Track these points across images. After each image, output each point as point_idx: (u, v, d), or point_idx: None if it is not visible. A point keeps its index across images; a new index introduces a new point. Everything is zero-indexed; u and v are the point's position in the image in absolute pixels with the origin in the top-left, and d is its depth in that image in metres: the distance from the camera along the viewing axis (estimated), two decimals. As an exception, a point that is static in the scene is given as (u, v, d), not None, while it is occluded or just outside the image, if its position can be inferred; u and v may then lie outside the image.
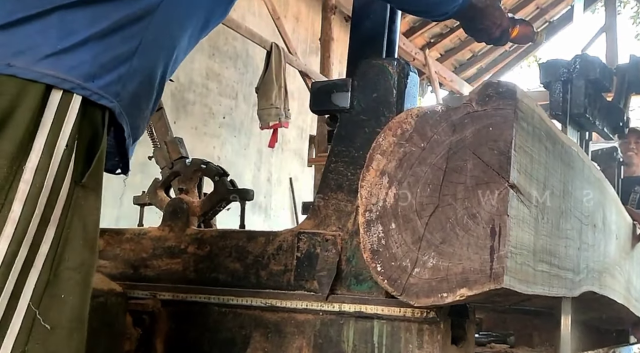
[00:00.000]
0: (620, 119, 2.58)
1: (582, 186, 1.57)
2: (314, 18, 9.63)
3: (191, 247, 1.61)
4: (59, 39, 1.07)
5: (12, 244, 1.00)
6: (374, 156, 1.33)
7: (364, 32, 1.68)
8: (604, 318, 2.04)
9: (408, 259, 1.25)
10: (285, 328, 1.47)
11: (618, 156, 3.61)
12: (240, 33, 7.15)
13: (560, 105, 2.08)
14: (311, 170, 8.82)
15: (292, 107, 7.84)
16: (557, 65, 2.11)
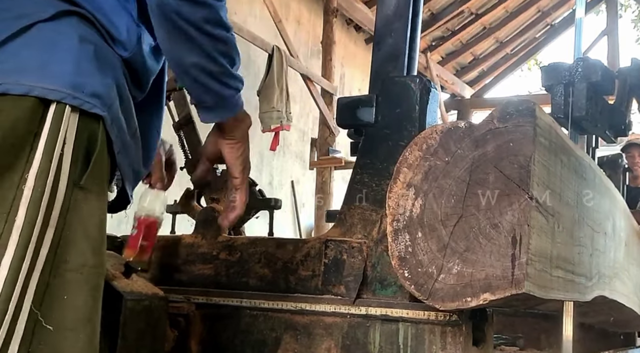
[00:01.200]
0: (622, 122, 2.62)
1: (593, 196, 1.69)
2: (315, 21, 9.76)
3: (223, 254, 1.73)
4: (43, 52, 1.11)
5: (17, 249, 1.04)
6: (401, 169, 1.44)
7: (386, 50, 1.80)
8: (612, 322, 2.15)
9: (434, 266, 1.36)
10: (314, 331, 1.58)
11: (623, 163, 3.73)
12: (242, 36, 7.24)
13: (562, 109, 2.11)
14: (313, 173, 8.95)
15: (293, 110, 7.96)
16: (559, 69, 2.13)
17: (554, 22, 12.67)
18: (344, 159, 8.66)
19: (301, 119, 9.31)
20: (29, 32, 1.11)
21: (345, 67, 10.54)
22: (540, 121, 1.38)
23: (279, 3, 8.66)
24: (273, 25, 7.83)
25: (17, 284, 1.03)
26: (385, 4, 1.82)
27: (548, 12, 12.35)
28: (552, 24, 12.70)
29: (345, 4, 9.18)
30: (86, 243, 1.13)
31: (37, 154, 1.07)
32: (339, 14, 9.18)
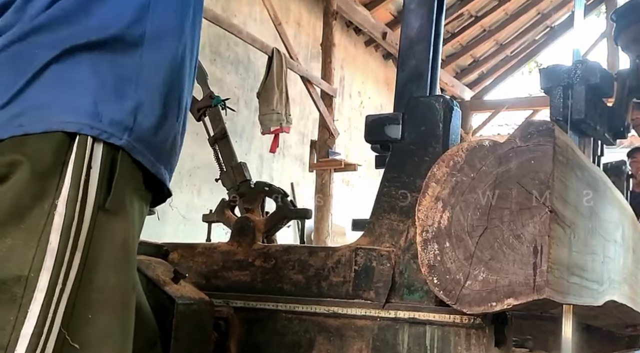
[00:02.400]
0: (621, 124, 2.66)
1: (603, 206, 1.86)
2: (315, 24, 9.88)
3: (258, 260, 1.88)
4: (60, 90, 1.19)
5: (53, 274, 1.12)
6: (429, 184, 1.61)
7: (409, 71, 1.96)
8: (620, 324, 2.32)
9: (461, 273, 1.53)
10: (346, 333, 1.74)
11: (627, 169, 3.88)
12: (242, 38, 7.37)
13: (561, 111, 2.14)
14: (312, 175, 9.08)
15: (293, 112, 8.09)
16: (558, 71, 2.16)
17: (554, 25, 12.86)
18: (343, 161, 8.80)
19: (301, 121, 9.44)
20: (44, 74, 1.20)
21: (345, 69, 10.67)
22: (559, 140, 1.54)
23: (279, 5, 8.79)
24: (273, 27, 7.94)
25: (51, 307, 1.12)
26: (408, 26, 1.98)
27: (548, 14, 12.52)
28: (551, 26, 12.88)
29: (345, 7, 9.31)
30: (108, 264, 1.20)
31: (66, 181, 1.16)
32: (339, 17, 9.32)
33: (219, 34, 7.88)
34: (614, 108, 2.72)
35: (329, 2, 8.87)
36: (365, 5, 10.11)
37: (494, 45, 13.02)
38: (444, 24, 7.45)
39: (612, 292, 1.85)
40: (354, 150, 10.81)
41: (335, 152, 8.83)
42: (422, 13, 1.98)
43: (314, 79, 8.57)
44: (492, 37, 12.58)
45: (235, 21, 7.81)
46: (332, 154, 8.75)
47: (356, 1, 9.80)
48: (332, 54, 8.91)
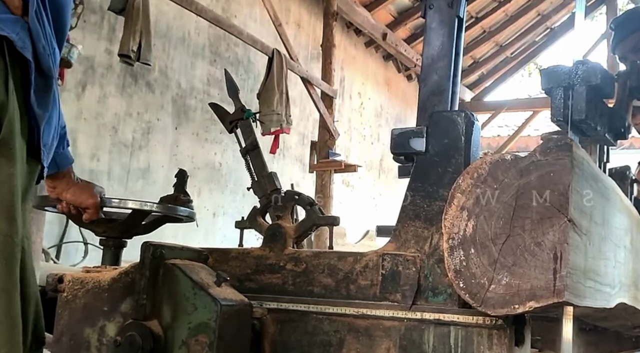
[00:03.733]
0: (622, 125, 2.72)
1: (614, 214, 2.03)
2: (315, 24, 10.01)
3: (289, 265, 2.04)
4: None
5: None
6: (455, 194, 1.77)
7: (431, 86, 2.12)
8: (627, 325, 2.48)
9: (485, 278, 1.69)
10: (374, 333, 1.90)
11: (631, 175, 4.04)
12: (242, 39, 7.48)
13: (562, 112, 2.17)
14: (312, 176, 9.22)
15: (293, 113, 8.21)
16: (559, 72, 2.18)
17: (554, 26, 13.04)
18: (343, 162, 8.93)
19: (301, 122, 9.58)
20: None
21: (345, 70, 10.82)
22: (576, 154, 1.71)
23: (279, 6, 8.92)
24: (273, 28, 8.05)
25: None
26: (431, 45, 2.14)
27: (548, 15, 12.69)
28: (552, 28, 13.06)
29: (345, 8, 9.44)
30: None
31: None
32: (339, 17, 9.44)
33: (219, 34, 8.03)
34: (614, 109, 2.80)
35: (329, 3, 9.00)
36: (365, 6, 10.25)
37: (494, 47, 13.18)
38: None
39: (622, 294, 2.01)
40: (354, 151, 10.97)
41: (335, 153, 8.96)
42: (443, 32, 2.14)
43: (314, 80, 8.69)
44: (492, 38, 12.74)
45: (236, 22, 7.93)
46: (332, 154, 8.88)
47: (356, 2, 9.94)
48: (332, 54, 9.03)
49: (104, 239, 2.07)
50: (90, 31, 6.59)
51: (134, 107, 7.17)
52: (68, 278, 1.93)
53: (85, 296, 1.90)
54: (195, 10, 6.57)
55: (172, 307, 1.78)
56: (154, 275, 1.78)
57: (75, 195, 1.85)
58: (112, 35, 6.80)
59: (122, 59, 5.89)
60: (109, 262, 2.05)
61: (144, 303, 1.76)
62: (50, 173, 1.76)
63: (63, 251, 6.56)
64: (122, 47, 5.78)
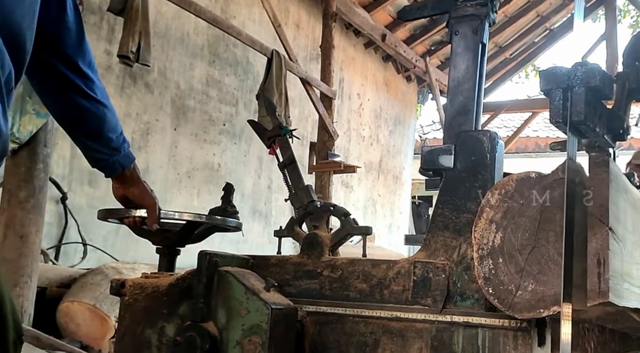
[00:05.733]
0: (621, 127, 2.73)
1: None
2: (314, 25, 10.15)
3: (326, 271, 2.28)
4: None
5: None
6: (484, 209, 2.02)
7: (457, 106, 2.37)
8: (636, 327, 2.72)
9: (513, 284, 1.94)
10: (407, 334, 2.15)
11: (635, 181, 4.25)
12: (241, 40, 7.57)
13: (561, 113, 2.18)
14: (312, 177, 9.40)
15: (292, 114, 8.35)
16: (558, 73, 2.21)
17: (553, 27, 13.28)
18: (342, 163, 9.09)
19: (300, 122, 9.74)
20: None
21: (344, 71, 11.00)
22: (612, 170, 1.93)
23: (278, 7, 9.07)
24: (272, 29, 8.18)
25: None
26: (456, 68, 2.39)
27: (547, 16, 12.91)
28: (551, 29, 13.30)
29: (344, 8, 9.60)
30: None
31: None
32: (338, 18, 9.58)
33: (218, 35, 8.19)
34: (613, 110, 2.83)
35: (328, 4, 9.14)
36: (364, 7, 10.42)
37: (493, 48, 13.37)
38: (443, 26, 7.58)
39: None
40: (353, 152, 11.17)
41: (335, 154, 9.10)
42: (468, 56, 2.39)
43: (313, 80, 8.81)
44: (492, 39, 12.95)
45: (235, 23, 8.07)
46: (331, 155, 9.02)
47: (355, 3, 10.10)
48: (331, 55, 9.14)
49: (160, 248, 2.31)
50: (90, 32, 6.71)
51: (133, 107, 7.30)
52: (129, 283, 2.17)
53: (145, 300, 2.14)
54: (194, 11, 6.70)
55: (226, 310, 2.01)
56: (210, 281, 2.02)
57: (143, 192, 2.05)
58: (111, 36, 6.92)
59: (121, 60, 6.02)
60: (165, 269, 2.29)
61: (201, 306, 2.01)
62: (114, 174, 1.99)
63: (62, 252, 6.72)
64: (121, 48, 5.91)
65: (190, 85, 8.07)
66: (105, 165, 1.95)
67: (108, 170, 1.97)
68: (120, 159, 1.96)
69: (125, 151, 1.96)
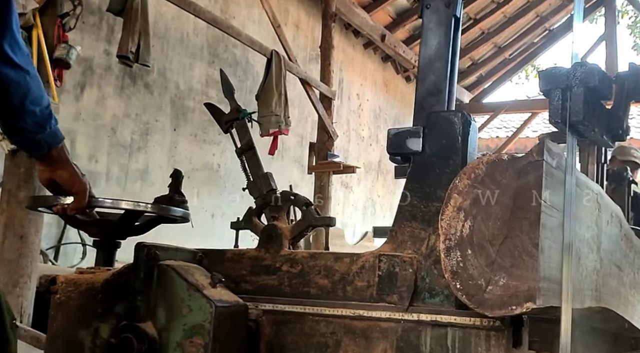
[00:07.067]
0: (620, 127, 2.70)
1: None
2: (314, 26, 9.99)
3: (285, 266, 2.03)
4: None
5: None
6: (452, 195, 1.75)
7: (428, 86, 2.11)
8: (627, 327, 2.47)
9: (483, 279, 1.67)
10: (371, 334, 1.89)
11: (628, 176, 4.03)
12: (241, 40, 7.42)
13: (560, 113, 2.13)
14: (311, 178, 9.21)
15: (292, 114, 8.17)
16: (557, 73, 2.16)
17: (553, 27, 13.02)
18: (342, 164, 8.91)
19: (300, 123, 9.56)
20: None
21: (343, 71, 10.81)
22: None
23: (278, 8, 8.90)
24: (272, 29, 8.01)
25: None
26: (427, 45, 2.13)
27: (546, 17, 12.67)
28: (550, 29, 13.04)
29: (343, 9, 9.42)
30: None
31: None
32: (338, 19, 9.41)
33: (217, 36, 8.01)
34: (612, 110, 2.78)
35: (328, 4, 8.95)
36: (364, 7, 10.24)
37: (492, 48, 13.15)
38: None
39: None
40: (353, 152, 10.96)
41: (334, 155, 8.94)
42: (440, 32, 2.13)
43: (313, 81, 8.66)
44: (491, 39, 12.72)
45: (234, 23, 7.91)
46: (330, 156, 8.86)
47: (355, 3, 9.92)
48: (330, 56, 8.99)
49: (97, 240, 2.05)
50: (89, 32, 6.57)
51: (132, 108, 7.15)
52: (61, 280, 1.91)
53: (79, 298, 1.88)
54: (194, 11, 6.52)
55: (166, 308, 1.76)
56: (148, 277, 1.76)
57: (73, 176, 1.79)
58: (110, 37, 6.78)
59: (120, 60, 5.85)
60: (103, 263, 2.03)
61: (138, 305, 1.75)
62: (40, 154, 1.72)
63: (61, 252, 6.55)
64: (120, 48, 5.74)
65: (189, 85, 7.90)
66: (29, 144, 1.68)
67: (32, 149, 1.70)
68: (46, 137, 1.67)
69: (52, 128, 1.68)
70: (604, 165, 3.26)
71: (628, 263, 2.31)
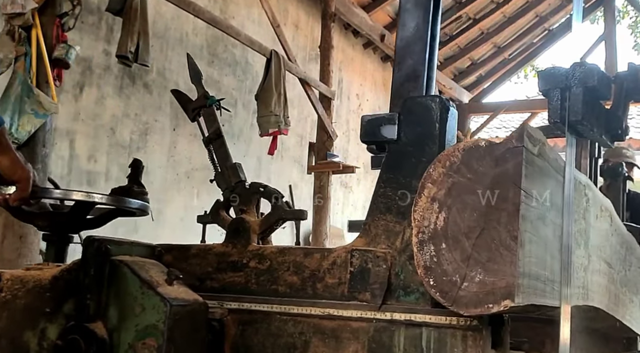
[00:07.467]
0: (619, 127, 2.66)
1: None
2: (313, 26, 9.87)
3: (253, 262, 1.86)
4: None
5: None
6: (426, 184, 1.59)
7: (406, 71, 1.94)
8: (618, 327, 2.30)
9: (457, 275, 1.51)
10: (341, 335, 1.72)
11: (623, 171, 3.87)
12: (240, 40, 7.33)
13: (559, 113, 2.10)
14: (311, 178, 9.07)
15: (291, 114, 8.06)
16: (556, 73, 2.13)
17: (552, 27, 12.85)
18: (341, 164, 8.78)
19: (299, 123, 9.43)
20: None
21: (343, 71, 10.67)
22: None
23: (277, 8, 8.78)
24: (271, 29, 7.91)
25: None
26: (405, 27, 1.96)
27: (546, 17, 12.51)
28: (550, 29, 12.87)
29: (343, 9, 9.29)
30: None
31: None
32: (337, 19, 9.29)
33: (216, 36, 7.89)
34: (611, 110, 2.72)
35: (327, 4, 8.82)
36: (363, 7, 10.10)
37: (492, 48, 12.99)
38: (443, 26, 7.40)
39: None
40: (352, 152, 10.81)
41: (334, 154, 8.81)
42: (419, 13, 1.96)
43: (312, 81, 8.54)
44: (490, 39, 12.56)
45: (234, 23, 7.80)
46: (330, 156, 8.73)
47: (354, 3, 9.79)
48: (330, 56, 8.88)
49: (46, 234, 1.88)
50: (88, 32, 6.46)
51: (131, 108, 7.03)
52: (7, 277, 1.74)
53: (26, 296, 1.71)
54: (193, 11, 6.42)
55: (118, 307, 1.60)
56: (99, 273, 1.60)
57: (14, 163, 1.63)
58: (110, 36, 6.67)
59: (119, 60, 5.78)
60: (53, 259, 1.87)
61: (87, 304, 1.58)
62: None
63: (60, 252, 6.41)
64: (119, 48, 5.67)
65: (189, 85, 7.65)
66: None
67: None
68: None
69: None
70: (597, 159, 3.12)
71: (619, 260, 2.15)
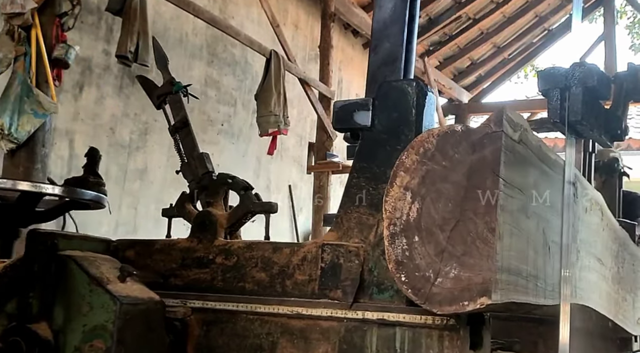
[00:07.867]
0: (618, 127, 2.62)
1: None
2: (313, 25, 9.75)
3: (219, 258, 1.72)
4: None
5: None
6: (398, 173, 1.43)
7: (382, 54, 1.79)
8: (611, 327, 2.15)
9: (431, 270, 1.36)
10: (310, 335, 1.57)
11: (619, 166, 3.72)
12: (240, 40, 7.23)
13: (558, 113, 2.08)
14: (310, 177, 8.93)
15: (291, 114, 7.94)
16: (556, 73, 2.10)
17: (552, 27, 12.68)
18: (341, 163, 8.64)
19: (299, 123, 9.29)
20: None
21: (342, 71, 10.53)
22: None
23: (277, 7, 8.65)
24: (271, 29, 7.79)
25: None
26: (382, 8, 1.81)
27: (545, 17, 12.33)
28: (549, 29, 12.70)
29: (342, 9, 9.16)
30: None
31: None
32: (337, 19, 9.16)
33: (216, 35, 7.77)
34: (611, 110, 2.67)
35: (327, 4, 8.67)
36: (363, 7, 9.94)
37: (491, 48, 12.81)
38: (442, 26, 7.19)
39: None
40: (352, 152, 10.67)
41: (333, 154, 8.67)
42: (396, -7, 1.81)
43: (312, 81, 8.42)
44: (490, 39, 12.38)
45: (233, 23, 7.68)
46: (329, 156, 8.60)
47: (354, 3, 9.65)
48: (330, 56, 8.75)
49: (-9, 228, 1.74)
50: (88, 32, 6.35)
51: (131, 108, 6.91)
52: (-52, 273, 1.60)
53: (-32, 294, 1.57)
54: (193, 11, 6.31)
55: (64, 307, 1.45)
56: (44, 270, 1.45)
57: None
58: (109, 36, 6.55)
59: (119, 60, 5.68)
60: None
61: (30, 303, 1.43)
62: None
63: (59, 250, 6.31)
64: (119, 48, 5.57)
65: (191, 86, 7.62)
66: None
67: None
68: None
69: None
70: (591, 154, 2.99)
71: (611, 256, 1.99)
